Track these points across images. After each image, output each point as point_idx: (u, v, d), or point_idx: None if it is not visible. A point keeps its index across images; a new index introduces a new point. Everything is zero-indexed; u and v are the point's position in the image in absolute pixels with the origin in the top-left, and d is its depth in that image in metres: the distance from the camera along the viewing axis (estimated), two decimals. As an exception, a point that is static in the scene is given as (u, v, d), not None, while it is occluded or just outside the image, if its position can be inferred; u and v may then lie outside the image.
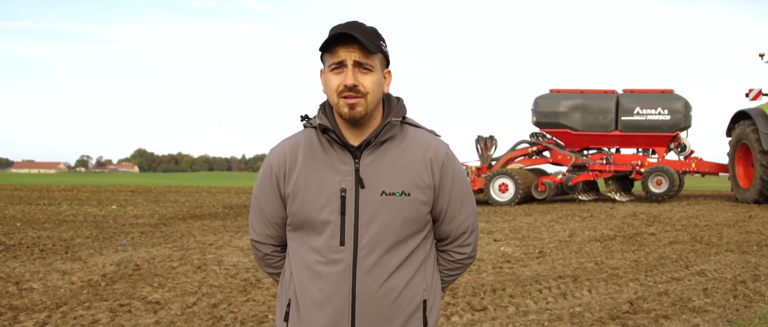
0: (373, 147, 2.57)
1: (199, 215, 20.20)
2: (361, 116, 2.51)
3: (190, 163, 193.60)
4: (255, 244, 2.81)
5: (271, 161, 2.67)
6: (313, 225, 2.57)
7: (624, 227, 14.58)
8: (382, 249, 2.54)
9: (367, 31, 2.51)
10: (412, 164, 2.58)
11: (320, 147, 2.60)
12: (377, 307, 2.54)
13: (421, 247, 2.65)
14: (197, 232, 14.69)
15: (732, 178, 20.87)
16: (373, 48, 2.48)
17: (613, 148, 22.95)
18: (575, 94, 22.89)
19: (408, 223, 2.57)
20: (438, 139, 2.69)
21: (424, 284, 2.65)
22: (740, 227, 14.17)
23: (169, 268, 9.65)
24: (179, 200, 27.57)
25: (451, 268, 2.82)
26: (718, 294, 8.01)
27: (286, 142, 2.69)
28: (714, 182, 32.75)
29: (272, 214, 2.70)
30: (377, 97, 2.55)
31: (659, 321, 6.82)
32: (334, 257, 2.53)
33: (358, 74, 2.49)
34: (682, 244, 12.12)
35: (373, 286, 2.53)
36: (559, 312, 7.29)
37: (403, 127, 2.65)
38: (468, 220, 2.75)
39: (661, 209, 18.06)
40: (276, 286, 8.45)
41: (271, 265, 2.84)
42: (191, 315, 7.09)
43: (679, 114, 21.75)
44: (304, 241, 2.61)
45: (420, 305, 2.63)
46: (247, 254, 10.98)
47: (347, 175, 2.54)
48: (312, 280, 2.56)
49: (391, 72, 2.66)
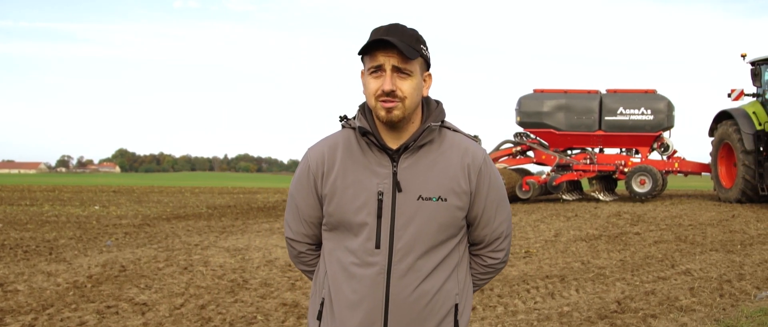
0: (412, 151, 2.57)
1: (183, 216, 20.12)
2: (398, 120, 2.51)
3: (171, 163, 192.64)
4: (290, 242, 2.82)
5: (309, 161, 2.66)
6: (349, 226, 2.57)
7: (609, 227, 14.64)
8: (417, 253, 2.54)
9: (407, 35, 2.51)
10: (449, 169, 2.58)
11: (358, 149, 2.60)
12: (410, 311, 2.54)
13: (454, 252, 2.65)
14: (182, 233, 14.63)
15: (714, 177, 20.97)
16: (411, 54, 2.47)
17: (596, 148, 23.01)
18: (559, 94, 22.92)
19: (443, 228, 2.57)
20: (476, 144, 2.69)
21: (457, 288, 2.66)
22: (724, 226, 14.26)
23: (155, 269, 9.60)
24: (162, 200, 27.44)
25: (483, 273, 2.82)
26: (704, 293, 8.05)
27: (325, 142, 2.68)
28: (696, 182, 32.97)
29: (308, 213, 2.70)
30: (415, 102, 2.54)
31: (647, 320, 6.85)
32: (369, 260, 2.54)
33: (397, 79, 2.49)
34: (667, 244, 12.18)
35: (407, 289, 2.53)
36: (547, 312, 7.31)
37: (442, 131, 2.65)
38: (502, 225, 2.75)
39: (645, 209, 18.14)
40: (263, 288, 8.43)
41: (305, 263, 2.84)
42: (179, 316, 7.05)
43: (662, 114, 21.82)
44: (340, 242, 2.61)
45: (452, 309, 2.63)
46: (233, 255, 10.93)
47: (385, 179, 2.55)
48: (346, 281, 2.57)
49: (431, 75, 2.65)
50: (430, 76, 2.65)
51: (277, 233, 14.28)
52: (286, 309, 7.40)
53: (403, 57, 2.46)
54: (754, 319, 6.59)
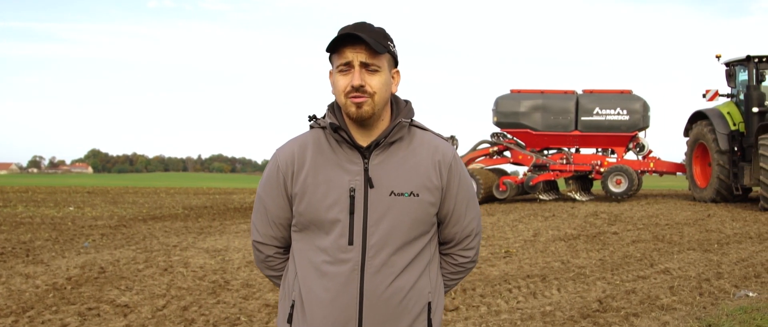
0: (382, 147, 2.57)
1: (159, 216, 19.99)
2: (368, 116, 2.52)
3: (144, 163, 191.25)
4: (258, 246, 2.78)
5: (278, 161, 2.65)
6: (321, 224, 2.55)
7: (587, 226, 14.73)
8: (390, 249, 2.54)
9: (375, 32, 2.52)
10: (420, 166, 2.59)
11: (329, 147, 2.60)
12: (384, 308, 2.53)
13: (426, 249, 2.65)
14: (159, 234, 14.53)
15: (689, 177, 21.16)
16: (379, 48, 2.48)
17: (572, 148, 23.14)
18: (535, 94, 23.01)
19: (416, 224, 2.57)
20: (445, 142, 2.70)
21: (430, 286, 2.66)
22: (700, 226, 14.40)
23: (135, 270, 9.52)
24: (137, 201, 27.24)
25: (453, 272, 2.82)
26: (684, 292, 8.13)
27: (294, 141, 2.67)
28: (670, 181, 33.28)
29: (277, 214, 2.67)
30: (385, 98, 2.55)
31: (630, 319, 6.90)
32: (341, 257, 2.52)
33: (365, 75, 2.49)
34: (644, 243, 12.28)
35: (381, 286, 2.52)
36: (530, 311, 7.34)
37: (412, 129, 2.66)
38: (472, 223, 2.76)
39: (622, 208, 18.27)
40: (244, 289, 8.40)
41: (272, 267, 2.81)
42: (162, 318, 7.00)
43: (637, 114, 21.97)
44: (311, 241, 2.59)
45: (425, 307, 2.63)
46: (213, 256, 10.88)
47: (356, 175, 2.54)
48: (318, 279, 2.55)
49: (399, 72, 2.66)
50: (399, 73, 2.66)
51: (255, 234, 14.22)
52: (269, 310, 7.37)
53: (371, 52, 2.48)
54: (735, 317, 6.66)
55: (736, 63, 19.45)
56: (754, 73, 18.61)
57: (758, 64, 18.56)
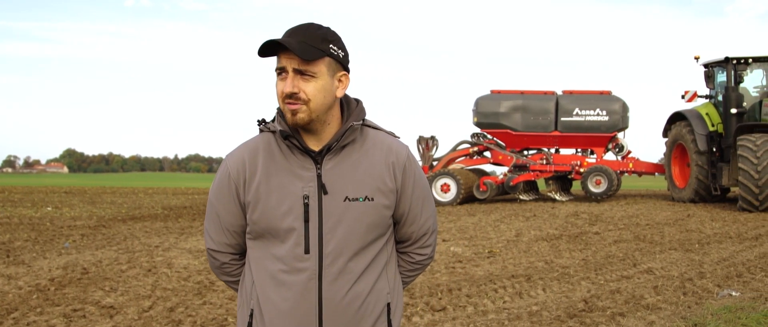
0: (334, 152, 2.52)
1: (139, 216, 19.84)
2: (304, 123, 2.46)
3: (121, 163, 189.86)
4: (212, 253, 2.72)
5: (228, 167, 2.58)
6: (275, 233, 2.51)
7: (568, 226, 14.81)
8: (347, 255, 2.50)
9: (310, 35, 2.43)
10: (374, 168, 2.54)
11: (280, 152, 2.54)
12: (344, 314, 2.51)
13: (383, 251, 2.63)
14: (140, 234, 14.43)
15: (668, 177, 21.37)
16: (309, 55, 2.41)
17: (552, 149, 23.28)
18: (515, 94, 23.12)
19: (372, 228, 2.54)
20: (398, 141, 2.66)
21: (388, 287, 2.64)
22: (680, 226, 14.52)
23: (119, 271, 9.46)
24: (116, 201, 27.03)
25: (411, 270, 2.81)
26: (668, 291, 8.19)
27: (244, 147, 2.61)
28: (648, 182, 33.53)
29: (230, 221, 2.62)
30: (323, 103, 2.47)
31: (616, 319, 6.95)
32: (298, 266, 2.48)
33: (300, 81, 2.43)
34: (626, 243, 12.37)
35: (339, 293, 2.50)
36: (517, 311, 7.37)
37: (364, 129, 2.60)
38: (428, 221, 2.74)
39: (602, 208, 18.40)
40: (230, 290, 8.34)
41: (228, 273, 2.76)
42: (149, 319, 6.96)
43: (617, 115, 22.15)
44: (266, 250, 2.55)
45: (384, 309, 2.61)
46: (196, 257, 10.82)
47: (309, 182, 2.50)
48: (275, 289, 2.51)
49: (347, 75, 2.56)
50: (346, 76, 2.55)
51: (237, 234, 14.17)
52: (257, 311, 7.35)
53: (303, 59, 2.41)
54: (720, 316, 6.73)
55: (715, 64, 19.66)
56: (732, 74, 18.82)
57: (736, 66, 18.76)
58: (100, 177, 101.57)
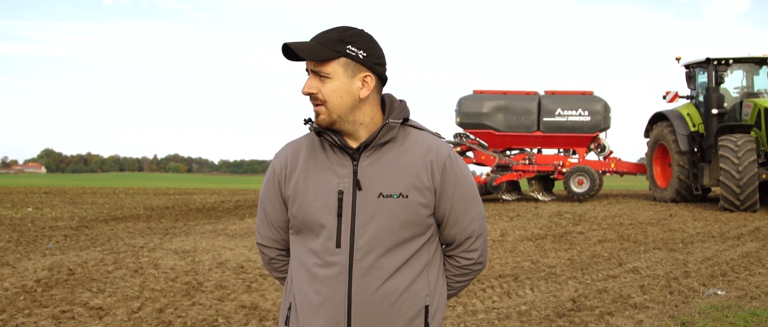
0: (372, 149, 2.54)
1: (121, 217, 19.74)
2: (325, 124, 2.50)
3: (99, 163, 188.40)
4: (261, 248, 2.81)
5: (274, 164, 2.68)
6: (311, 227, 2.55)
7: (552, 226, 14.88)
8: (378, 251, 2.50)
9: (325, 38, 2.47)
10: (411, 166, 2.54)
11: (321, 150, 2.59)
12: (374, 311, 2.50)
13: (423, 251, 2.60)
14: (124, 235, 14.35)
15: (650, 177, 21.51)
16: (319, 56, 2.45)
17: (535, 149, 23.36)
18: (498, 95, 23.18)
19: (406, 226, 2.53)
20: (441, 141, 2.64)
21: (427, 289, 2.59)
22: (663, 225, 14.63)
23: (105, 272, 9.41)
24: (97, 202, 26.87)
25: (458, 274, 2.75)
26: (654, 290, 8.26)
27: (289, 145, 2.69)
28: (629, 182, 33.73)
29: (275, 217, 2.71)
30: (342, 104, 2.49)
31: (604, 318, 7.00)
32: (330, 259, 2.51)
33: (318, 82, 2.49)
34: (611, 243, 12.45)
35: (370, 288, 2.49)
36: (506, 311, 7.41)
37: (406, 129, 2.60)
38: (473, 224, 2.68)
39: (585, 208, 18.50)
40: (219, 291, 8.35)
41: (277, 269, 2.83)
42: (139, 320, 6.93)
43: (598, 115, 22.26)
44: (304, 244, 2.59)
45: (421, 311, 2.57)
46: (182, 257, 10.78)
47: (345, 178, 2.52)
48: (309, 282, 2.54)
49: (372, 76, 2.54)
50: (371, 77, 2.53)
51: (222, 235, 14.14)
52: (246, 311, 7.34)
53: (316, 60, 2.46)
54: (707, 314, 6.79)
55: (696, 65, 19.81)
56: (713, 75, 18.96)
57: (717, 67, 18.91)
58: (79, 177, 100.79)
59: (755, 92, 19.14)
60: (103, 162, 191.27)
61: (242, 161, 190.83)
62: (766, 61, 19.14)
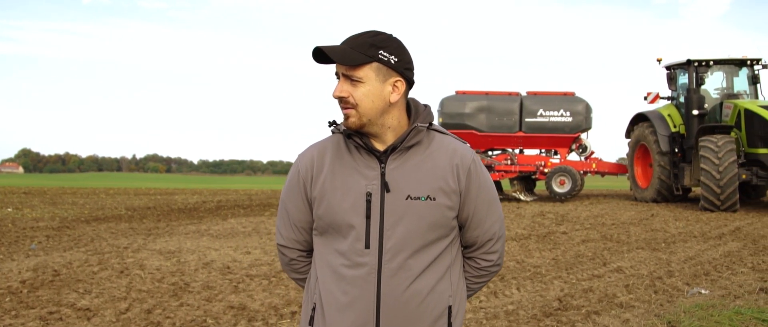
0: (399, 152, 2.58)
1: (102, 217, 19.62)
2: (355, 127, 2.54)
3: (77, 163, 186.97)
4: (281, 249, 2.82)
5: (298, 166, 2.69)
6: (338, 228, 2.58)
7: (535, 226, 14.96)
8: (407, 252, 2.54)
9: (358, 42, 2.51)
10: (437, 169, 2.59)
11: (347, 152, 2.62)
12: (402, 311, 2.54)
13: (446, 253, 2.65)
14: (107, 236, 14.28)
15: (631, 178, 21.67)
16: (350, 60, 2.48)
17: (517, 149, 23.46)
18: (480, 95, 23.25)
19: (433, 228, 2.58)
20: (464, 145, 2.70)
21: (450, 290, 2.65)
22: (645, 225, 14.75)
23: (91, 273, 9.36)
24: (77, 202, 26.67)
25: (477, 276, 2.82)
26: (639, 290, 8.34)
27: (314, 147, 2.70)
28: (609, 182, 33.92)
29: (299, 218, 2.71)
30: (373, 108, 2.53)
31: (591, 317, 7.05)
32: (358, 260, 2.54)
33: (349, 86, 2.52)
34: (594, 242, 12.53)
35: (398, 289, 2.53)
36: (494, 310, 7.45)
37: (431, 133, 2.66)
38: (494, 226, 2.75)
39: (567, 208, 18.60)
40: (206, 291, 8.33)
41: (297, 270, 2.84)
42: (127, 321, 6.91)
43: (580, 116, 22.40)
44: (330, 245, 2.62)
45: (445, 311, 2.63)
46: (167, 258, 10.75)
47: (373, 180, 2.56)
48: (337, 283, 2.57)
49: (403, 81, 2.59)
50: (402, 82, 2.59)
51: (206, 236, 14.09)
52: (235, 312, 7.34)
53: (348, 65, 2.49)
54: (693, 313, 6.86)
55: (677, 66, 19.98)
56: (694, 76, 19.14)
57: (698, 68, 19.09)
58: (57, 177, 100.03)
59: (735, 93, 19.34)
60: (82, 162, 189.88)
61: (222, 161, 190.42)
62: (745, 63, 19.34)
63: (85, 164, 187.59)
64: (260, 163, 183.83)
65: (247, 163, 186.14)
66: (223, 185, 58.89)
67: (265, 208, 22.46)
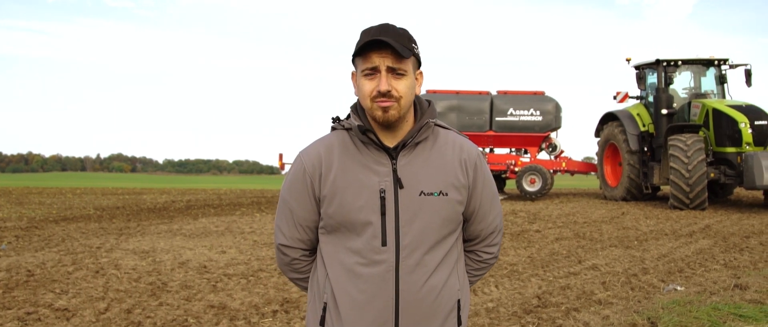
0: (409, 148, 2.59)
1: (71, 217, 19.38)
2: (394, 119, 2.53)
3: (41, 163, 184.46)
4: (283, 249, 2.77)
5: (304, 163, 2.65)
6: (351, 226, 2.56)
7: (508, 225, 15.04)
8: (423, 249, 2.56)
9: (400, 35, 2.52)
10: (447, 165, 2.61)
11: (355, 148, 2.61)
12: (420, 307, 2.55)
13: (454, 248, 2.69)
14: (77, 235, 14.11)
15: (600, 176, 21.88)
16: (405, 53, 2.49)
17: (487, 148, 23.58)
18: (451, 94, 23.35)
19: (446, 223, 2.60)
20: (468, 140, 2.73)
21: (458, 284, 2.69)
22: (616, 223, 14.91)
23: (66, 273, 9.26)
24: (44, 202, 26.32)
25: (477, 269, 2.87)
26: (616, 287, 8.42)
27: (319, 143, 2.68)
28: (577, 181, 34.18)
29: (304, 217, 2.68)
30: (410, 101, 2.57)
31: (571, 314, 7.11)
32: (375, 258, 2.54)
33: (392, 79, 2.51)
34: (568, 240, 12.64)
35: (416, 285, 2.55)
36: (474, 308, 7.48)
37: (435, 129, 2.68)
38: (496, 219, 2.81)
39: (538, 207, 18.74)
40: (184, 291, 8.27)
41: (297, 270, 2.81)
42: (107, 321, 6.84)
43: (550, 115, 22.58)
44: (341, 243, 2.60)
45: (455, 305, 2.66)
46: (142, 258, 10.65)
47: (385, 176, 2.55)
48: (352, 281, 2.56)
49: (422, 73, 2.67)
50: (422, 74, 2.66)
51: (178, 235, 13.99)
52: (216, 311, 7.29)
53: (397, 57, 2.49)
54: (672, 310, 6.95)
55: (646, 66, 20.21)
56: (662, 76, 19.37)
57: (667, 68, 19.33)
58: (21, 177, 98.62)
59: (703, 93, 19.61)
60: (45, 161, 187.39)
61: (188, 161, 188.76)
62: (713, 63, 19.61)
63: (48, 164, 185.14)
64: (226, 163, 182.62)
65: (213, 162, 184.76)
66: (190, 185, 58.43)
67: (235, 207, 22.34)
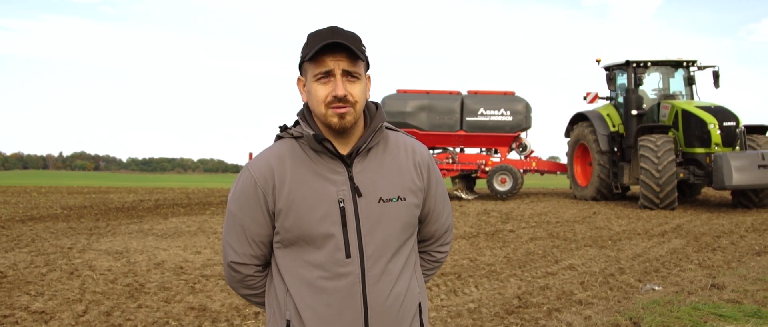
0: (362, 154, 2.52)
1: (38, 217, 19.08)
2: (350, 125, 2.45)
3: (2, 160, 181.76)
4: (235, 267, 2.62)
5: (254, 176, 2.51)
6: (311, 239, 2.47)
7: (482, 225, 15.09)
8: (387, 257, 2.50)
9: (352, 38, 2.44)
10: (402, 169, 2.56)
11: (307, 158, 2.51)
12: (387, 315, 2.50)
13: (412, 251, 2.65)
14: (47, 236, 13.90)
15: (570, 176, 22.04)
16: (362, 55, 2.44)
17: (458, 148, 23.64)
18: (421, 94, 23.35)
19: (405, 228, 2.56)
20: (419, 142, 2.68)
21: (418, 287, 2.65)
22: (589, 223, 15.02)
23: (39, 274, 9.11)
24: (9, 201, 25.89)
25: (430, 269, 2.85)
26: (595, 287, 8.48)
27: (268, 154, 2.55)
28: (546, 180, 34.38)
29: (257, 232, 2.55)
30: (362, 105, 2.49)
31: (553, 314, 7.14)
32: (340, 270, 2.45)
33: (347, 83, 2.43)
34: (542, 240, 12.70)
35: (383, 295, 2.49)
36: (456, 308, 7.48)
37: (384, 132, 2.61)
38: (449, 218, 2.81)
39: (510, 207, 18.82)
40: (163, 292, 8.17)
41: (251, 286, 2.67)
42: (86, 324, 6.74)
43: (520, 115, 22.67)
44: (299, 257, 2.50)
45: (417, 308, 2.62)
46: (116, 259, 10.52)
47: (342, 185, 2.47)
48: (316, 296, 2.46)
49: (370, 77, 2.58)
50: (370, 77, 2.58)
51: (150, 235, 13.83)
52: (196, 313, 7.21)
53: (352, 60, 2.42)
54: (652, 309, 7.00)
55: (616, 67, 20.39)
56: (632, 76, 19.56)
57: (636, 69, 19.52)
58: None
59: (671, 94, 19.82)
60: (6, 159, 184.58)
61: (151, 159, 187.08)
62: (681, 64, 19.84)
63: (9, 162, 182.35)
64: (191, 161, 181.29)
65: (178, 160, 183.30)
66: (155, 183, 57.82)
67: (205, 206, 22.16)
